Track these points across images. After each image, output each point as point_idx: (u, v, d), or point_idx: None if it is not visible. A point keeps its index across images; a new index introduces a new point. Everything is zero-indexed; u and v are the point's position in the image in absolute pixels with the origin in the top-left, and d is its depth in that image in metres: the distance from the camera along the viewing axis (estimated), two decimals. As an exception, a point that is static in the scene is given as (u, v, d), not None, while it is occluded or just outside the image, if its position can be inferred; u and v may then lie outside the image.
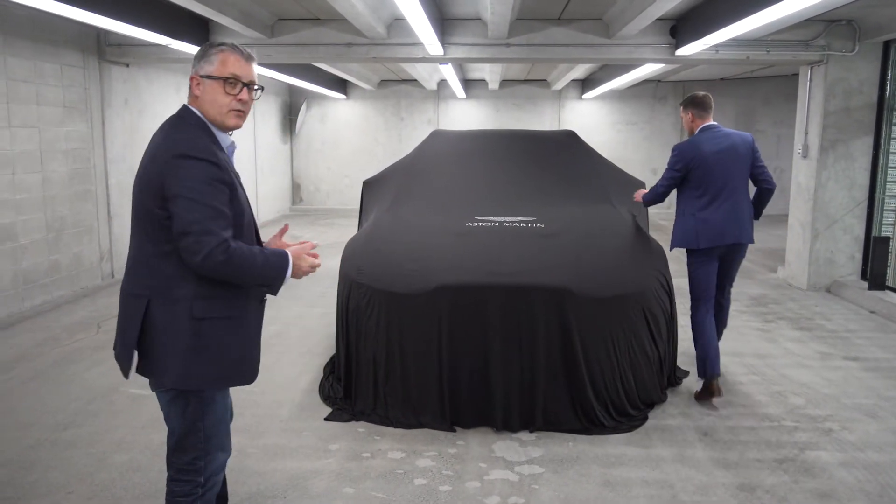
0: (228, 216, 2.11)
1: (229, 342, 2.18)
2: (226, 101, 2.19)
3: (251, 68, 2.24)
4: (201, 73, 2.20)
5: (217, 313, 2.15)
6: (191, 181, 2.05)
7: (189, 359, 2.11)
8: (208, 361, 2.14)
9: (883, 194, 7.05)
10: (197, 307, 2.11)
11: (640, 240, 4.42)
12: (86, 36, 7.02)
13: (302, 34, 7.41)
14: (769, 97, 13.70)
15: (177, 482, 2.26)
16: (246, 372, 2.26)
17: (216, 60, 2.19)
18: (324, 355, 5.04)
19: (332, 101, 14.50)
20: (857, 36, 6.87)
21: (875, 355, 5.17)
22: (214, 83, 2.18)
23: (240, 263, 2.07)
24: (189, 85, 2.23)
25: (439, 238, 4.27)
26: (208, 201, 2.05)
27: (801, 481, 3.26)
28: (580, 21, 7.23)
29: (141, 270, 2.17)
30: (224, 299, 2.16)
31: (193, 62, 2.23)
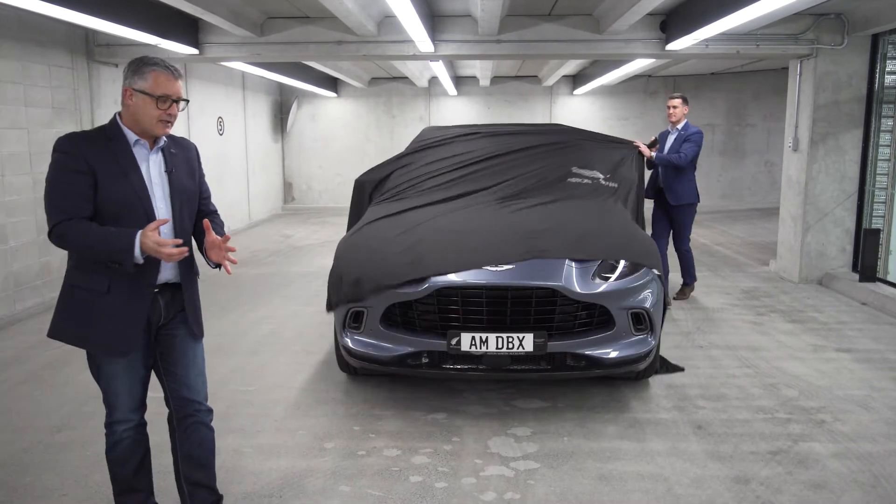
0: (75, 200, 2.36)
1: (91, 312, 2.45)
2: (156, 113, 2.44)
3: (179, 85, 2.49)
4: (135, 87, 2.42)
5: (81, 283, 2.45)
6: (48, 171, 2.41)
7: (59, 316, 2.49)
8: (73, 324, 2.47)
9: (873, 187, 7.09)
10: (70, 275, 2.49)
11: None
12: (74, 36, 6.97)
13: (292, 32, 7.38)
14: (759, 91, 13.75)
15: None
16: (107, 345, 2.48)
17: (150, 78, 2.41)
18: (318, 354, 5.04)
19: (323, 99, 14.47)
20: (845, 29, 6.90)
21: (867, 346, 5.20)
22: (147, 98, 2.42)
23: (74, 239, 2.35)
24: (122, 94, 2.46)
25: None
26: (53, 188, 2.37)
27: (794, 473, 3.28)
28: (570, 17, 7.23)
29: None
30: (92, 274, 2.44)
31: (126, 73, 2.45)
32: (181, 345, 2.64)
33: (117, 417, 2.62)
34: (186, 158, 2.66)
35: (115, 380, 2.56)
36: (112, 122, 2.50)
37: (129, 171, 2.44)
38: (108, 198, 2.40)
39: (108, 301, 2.44)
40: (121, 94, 2.46)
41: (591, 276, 3.87)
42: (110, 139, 2.45)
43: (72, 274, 2.48)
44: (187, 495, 2.70)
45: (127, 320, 2.47)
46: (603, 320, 3.86)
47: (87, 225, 2.35)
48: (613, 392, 4.28)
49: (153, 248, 2.32)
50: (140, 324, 2.50)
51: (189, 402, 2.66)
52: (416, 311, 3.84)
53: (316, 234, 11.24)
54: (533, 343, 3.69)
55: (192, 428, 2.67)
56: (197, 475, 2.70)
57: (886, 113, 6.93)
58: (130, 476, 2.69)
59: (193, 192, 2.64)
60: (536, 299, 3.75)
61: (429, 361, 3.84)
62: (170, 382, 2.65)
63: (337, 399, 4.22)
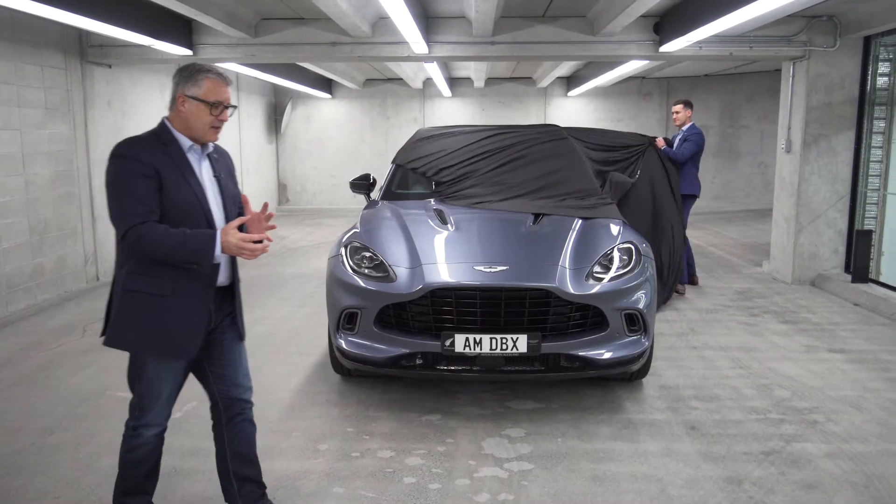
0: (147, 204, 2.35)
1: (148, 315, 2.44)
2: (209, 120, 2.48)
3: (229, 91, 2.53)
4: (188, 93, 2.45)
5: (140, 288, 2.43)
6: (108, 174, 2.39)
7: (119, 322, 2.46)
8: (133, 329, 2.45)
9: (865, 188, 7.12)
10: (128, 280, 2.44)
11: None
12: (67, 37, 6.95)
13: (286, 34, 7.38)
14: (753, 93, 13.81)
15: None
16: (170, 347, 2.47)
17: (203, 85, 2.44)
18: (313, 355, 5.03)
19: (317, 100, 14.46)
20: (837, 31, 6.93)
21: (859, 347, 5.22)
22: (200, 104, 2.45)
23: (152, 243, 2.31)
24: (174, 100, 2.48)
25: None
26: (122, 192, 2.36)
27: (787, 473, 3.29)
28: (565, 18, 7.25)
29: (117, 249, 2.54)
30: (150, 277, 2.43)
31: (178, 80, 2.47)
32: (229, 347, 2.71)
33: (149, 421, 2.62)
34: (227, 163, 2.73)
35: (161, 383, 2.56)
36: (163, 127, 2.50)
37: (188, 176, 2.48)
38: (173, 203, 2.41)
39: (171, 304, 2.45)
40: (172, 99, 2.48)
41: (585, 277, 3.88)
42: (165, 144, 2.46)
43: (130, 279, 2.44)
44: (236, 489, 2.77)
45: (191, 323, 2.49)
46: (597, 321, 3.87)
47: (164, 227, 2.35)
48: (607, 393, 4.29)
49: (236, 246, 2.35)
50: (204, 326, 2.53)
51: (239, 401, 2.74)
52: (410, 313, 3.84)
53: (310, 235, 11.22)
54: (527, 344, 3.70)
55: (240, 426, 2.74)
56: (247, 471, 2.78)
57: (878, 115, 6.96)
58: (142, 479, 2.70)
59: (237, 196, 2.70)
60: (530, 300, 3.76)
61: (423, 363, 3.84)
62: (218, 384, 2.70)
63: (331, 400, 4.21)
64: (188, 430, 3.78)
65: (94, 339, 5.44)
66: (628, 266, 4.03)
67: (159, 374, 2.54)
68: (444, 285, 3.77)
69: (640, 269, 4.04)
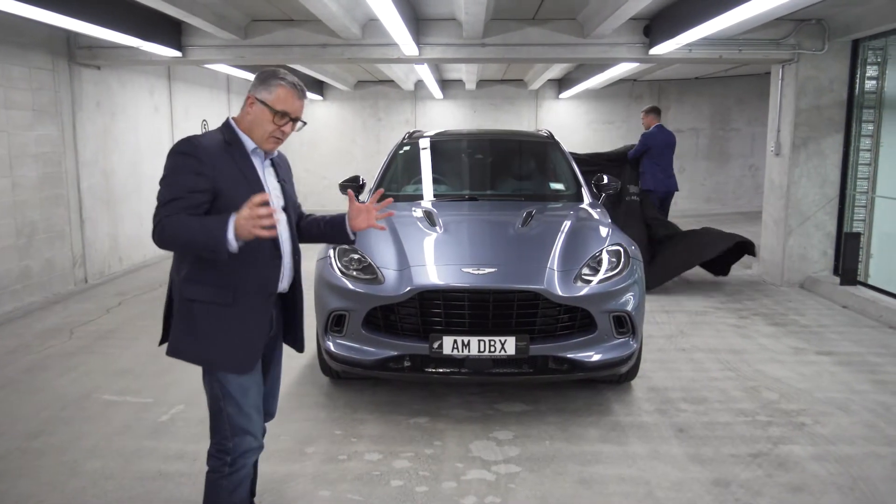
0: (189, 201, 2.24)
1: (209, 326, 2.32)
2: (270, 128, 2.38)
3: (301, 105, 2.43)
4: (258, 96, 2.38)
5: (200, 297, 2.32)
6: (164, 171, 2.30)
7: (180, 335, 2.35)
8: (193, 341, 2.33)
9: (854, 191, 7.16)
10: (186, 289, 2.33)
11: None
12: (55, 38, 6.91)
13: (276, 35, 7.36)
14: (743, 96, 13.87)
15: (212, 457, 2.44)
16: (235, 360, 2.35)
17: (275, 92, 2.37)
18: (301, 357, 5.00)
19: (308, 102, 14.33)
20: (826, 35, 6.96)
21: (847, 349, 5.24)
22: (266, 110, 2.36)
23: (172, 233, 2.21)
24: (245, 100, 2.41)
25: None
26: (163, 185, 2.28)
27: (774, 475, 3.30)
28: (555, 21, 7.26)
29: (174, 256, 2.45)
30: (210, 286, 2.32)
31: (255, 82, 2.40)
32: (277, 358, 2.66)
33: (249, 444, 2.43)
34: (288, 169, 2.67)
35: (248, 396, 2.40)
36: (228, 126, 2.42)
37: (251, 178, 2.38)
38: (231, 203, 2.25)
39: (233, 314, 2.33)
40: (244, 100, 2.41)
41: (573, 279, 3.88)
42: (229, 143, 2.38)
43: (188, 287, 2.32)
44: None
45: (254, 331, 2.38)
46: (585, 323, 3.86)
47: (185, 216, 2.22)
48: (596, 395, 4.29)
49: (245, 219, 2.12)
50: (266, 334, 2.44)
51: (268, 414, 2.68)
52: (398, 315, 3.83)
53: (301, 237, 11.17)
54: (515, 346, 3.69)
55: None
56: (251, 488, 2.70)
57: (867, 118, 6.99)
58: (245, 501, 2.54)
59: (298, 204, 2.65)
60: (518, 302, 3.75)
61: (411, 365, 3.83)
62: None
63: (319, 403, 4.19)
64: (174, 433, 3.76)
65: (82, 342, 5.40)
66: (617, 268, 4.03)
67: (244, 384, 2.37)
68: (431, 287, 3.76)
69: (628, 271, 4.04)
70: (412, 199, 5.24)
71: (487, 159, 5.95)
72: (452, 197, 5.35)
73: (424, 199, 5.27)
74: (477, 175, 5.87)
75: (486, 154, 6.00)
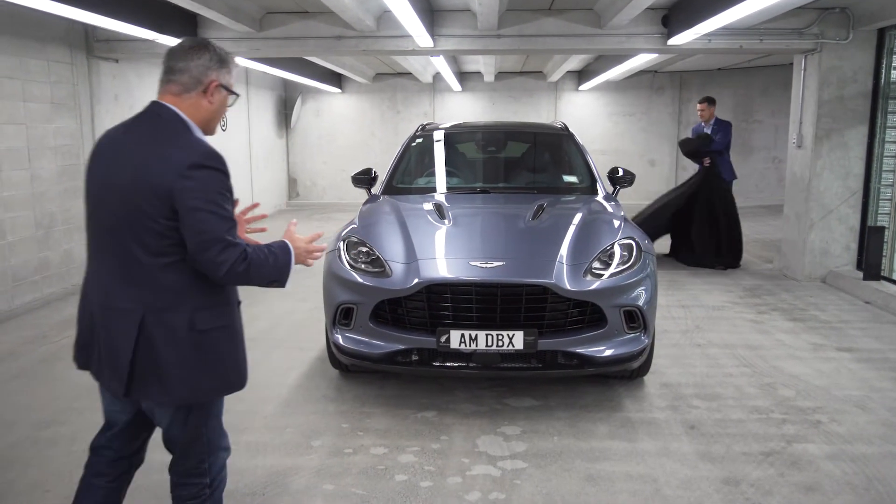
0: (236, 223, 2.07)
1: (227, 351, 2.15)
2: (223, 112, 2.18)
3: None
4: (222, 80, 2.12)
5: (216, 323, 2.11)
6: (209, 192, 1.97)
7: (195, 372, 2.08)
8: (212, 373, 2.11)
9: (878, 184, 6.98)
10: (199, 319, 2.06)
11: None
12: (73, 32, 6.96)
13: (290, 27, 7.35)
14: (767, 87, 13.60)
15: (184, 486, 2.25)
16: (241, 379, 2.23)
17: (234, 73, 2.15)
18: (312, 350, 5.01)
19: (327, 95, 14.44)
20: (850, 24, 6.79)
21: (868, 346, 5.12)
22: (227, 96, 2.16)
23: (257, 269, 2.05)
24: (198, 84, 2.09)
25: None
26: (225, 213, 2.00)
27: (786, 474, 3.22)
28: (571, 11, 7.16)
29: (133, 284, 2.04)
30: (221, 308, 2.13)
31: (210, 65, 2.09)
32: None
33: (226, 457, 2.36)
34: None
35: (220, 421, 2.31)
36: (182, 122, 2.08)
37: None
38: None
39: (237, 333, 2.20)
40: (195, 83, 2.08)
41: (583, 273, 3.82)
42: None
43: (203, 318, 2.06)
44: None
45: (244, 346, 2.26)
46: (595, 318, 3.81)
47: (251, 247, 2.06)
48: (607, 391, 4.23)
49: (305, 251, 2.18)
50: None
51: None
52: (406, 308, 3.81)
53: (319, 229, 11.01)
54: (523, 341, 3.65)
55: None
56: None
57: (892, 109, 6.81)
58: None
59: None
60: (527, 296, 3.71)
61: (418, 359, 3.81)
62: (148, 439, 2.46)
63: (328, 396, 4.19)
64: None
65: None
66: (628, 262, 3.97)
67: (219, 404, 2.28)
68: (439, 280, 3.73)
69: (640, 265, 3.98)
70: (424, 192, 5.21)
71: (500, 152, 5.91)
72: (464, 189, 5.30)
73: (437, 191, 5.24)
74: (489, 168, 5.83)
75: (499, 146, 5.96)
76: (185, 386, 2.07)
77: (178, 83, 2.09)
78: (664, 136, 14.23)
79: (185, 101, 2.09)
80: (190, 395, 2.11)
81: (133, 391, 2.09)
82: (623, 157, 13.84)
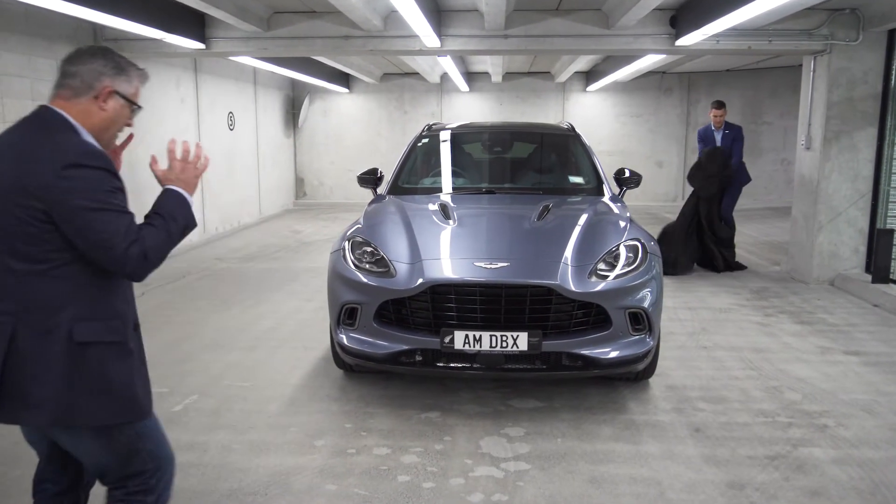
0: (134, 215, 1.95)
1: (116, 371, 1.94)
2: (122, 125, 2.07)
3: None
4: (119, 88, 2.00)
5: (102, 338, 1.92)
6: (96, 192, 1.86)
7: (72, 391, 1.87)
8: (95, 394, 1.90)
9: (888, 186, 6.93)
10: (79, 330, 1.88)
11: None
12: (81, 31, 7.00)
13: (298, 27, 7.36)
14: (776, 88, 13.53)
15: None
16: (136, 407, 1.99)
17: (135, 83, 2.05)
18: (317, 349, 5.01)
19: (334, 94, 14.46)
20: (860, 24, 6.74)
21: (876, 350, 5.08)
22: (126, 106, 2.04)
23: (162, 243, 1.95)
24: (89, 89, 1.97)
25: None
26: (119, 208, 1.90)
27: (792, 479, 3.20)
28: (578, 11, 7.14)
29: (4, 293, 1.88)
30: (107, 322, 1.94)
31: (104, 70, 1.99)
32: None
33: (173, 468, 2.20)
34: None
35: (159, 423, 2.15)
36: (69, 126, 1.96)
37: None
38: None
39: (133, 355, 2.00)
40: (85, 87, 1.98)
41: (588, 274, 3.81)
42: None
43: (83, 329, 1.89)
44: None
45: (145, 372, 2.08)
46: (600, 319, 3.79)
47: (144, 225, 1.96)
48: (611, 393, 4.21)
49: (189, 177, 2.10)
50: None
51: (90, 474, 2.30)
52: (410, 309, 3.80)
53: (326, 229, 11.23)
54: (527, 342, 3.64)
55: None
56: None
57: (902, 111, 6.77)
58: None
59: None
60: (531, 298, 3.69)
61: (422, 359, 3.80)
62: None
63: (332, 396, 4.19)
64: (186, 423, 3.78)
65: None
66: (634, 263, 3.95)
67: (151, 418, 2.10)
68: (443, 281, 3.72)
69: (646, 266, 3.96)
70: (430, 192, 5.20)
71: (506, 152, 5.90)
72: (470, 190, 5.29)
73: (442, 191, 5.23)
74: (496, 168, 5.82)
75: (505, 147, 5.94)
76: (59, 406, 1.87)
77: (68, 87, 1.99)
78: (672, 138, 14.18)
79: (74, 106, 1.98)
80: (66, 417, 1.89)
81: (3, 412, 1.89)
82: (630, 158, 13.80)
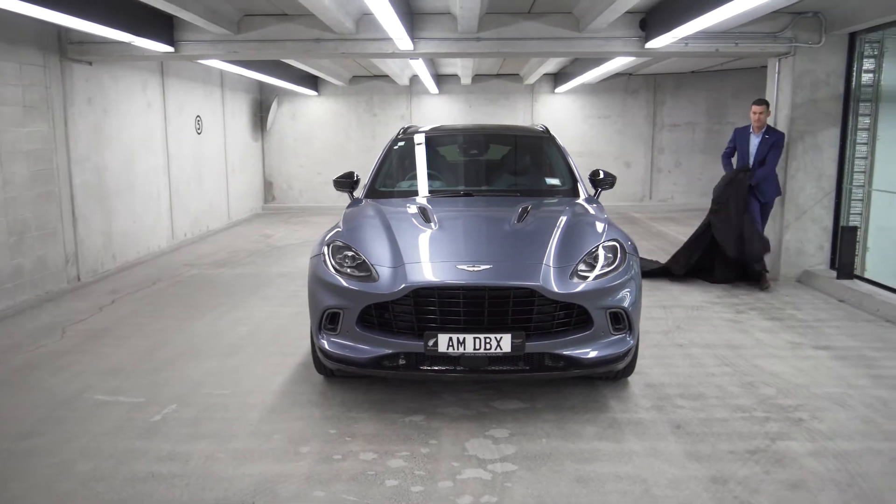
0: None
1: None
2: None
3: None
4: None
5: None
6: None
7: None
8: None
9: (850, 184, 7.13)
10: None
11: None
12: (46, 34, 6.83)
13: (269, 30, 7.29)
14: (739, 90, 13.79)
15: None
16: None
17: None
18: (295, 355, 4.97)
19: (303, 97, 14.35)
20: (823, 28, 6.92)
21: (844, 344, 5.22)
22: None
23: None
24: None
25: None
26: None
27: (772, 472, 3.27)
28: (550, 14, 7.21)
29: None
30: None
31: None
32: None
33: None
34: None
35: None
36: None
37: None
38: None
39: None
40: None
41: (570, 275, 3.84)
42: None
43: None
44: None
45: None
46: (581, 320, 3.83)
47: None
48: (592, 392, 4.26)
49: None
50: None
51: None
52: (393, 313, 3.79)
53: (296, 233, 11.13)
54: (511, 343, 3.66)
55: None
56: None
57: (863, 111, 6.97)
58: None
59: None
60: (514, 299, 3.72)
61: (406, 363, 3.79)
62: None
63: (313, 402, 4.15)
64: (167, 433, 3.72)
65: (74, 341, 5.35)
66: (613, 264, 3.99)
67: None
68: (426, 284, 3.72)
69: (625, 266, 4.01)
70: (407, 196, 5.20)
71: (483, 154, 5.92)
72: (447, 193, 5.30)
73: (419, 195, 5.23)
74: (472, 170, 5.84)
75: (481, 149, 5.96)
76: None
77: None
78: (639, 138, 14.38)
79: None
80: None
81: None
82: (599, 158, 13.96)
